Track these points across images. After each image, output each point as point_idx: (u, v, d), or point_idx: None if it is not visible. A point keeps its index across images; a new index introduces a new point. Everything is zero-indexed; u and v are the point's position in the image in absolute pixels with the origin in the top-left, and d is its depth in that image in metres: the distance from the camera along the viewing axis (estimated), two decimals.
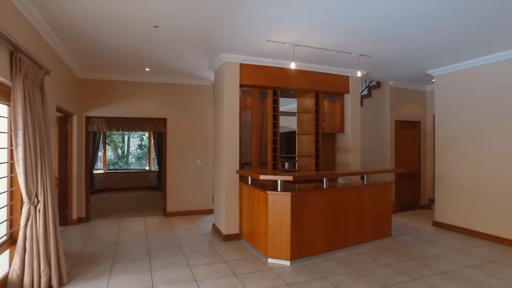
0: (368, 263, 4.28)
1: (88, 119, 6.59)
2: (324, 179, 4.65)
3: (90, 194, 6.80)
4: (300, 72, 5.86)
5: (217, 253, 4.72)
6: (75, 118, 6.33)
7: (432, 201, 7.60)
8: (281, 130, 6.02)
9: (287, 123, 8.30)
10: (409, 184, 7.66)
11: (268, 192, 4.26)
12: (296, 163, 6.74)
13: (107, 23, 3.93)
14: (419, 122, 7.80)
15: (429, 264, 4.25)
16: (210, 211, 7.20)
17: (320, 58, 5.43)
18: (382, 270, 4.07)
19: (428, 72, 6.30)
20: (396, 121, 7.41)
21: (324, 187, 4.63)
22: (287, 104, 8.39)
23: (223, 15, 3.69)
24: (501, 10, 3.52)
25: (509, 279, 3.82)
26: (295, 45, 4.69)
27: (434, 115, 6.40)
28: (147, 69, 6.21)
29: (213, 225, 6.04)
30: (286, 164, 6.78)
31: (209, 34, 4.30)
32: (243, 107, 5.63)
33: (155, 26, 3.98)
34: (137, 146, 13.84)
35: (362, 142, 7.59)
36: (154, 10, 3.58)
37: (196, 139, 7.24)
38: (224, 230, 5.32)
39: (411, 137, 7.70)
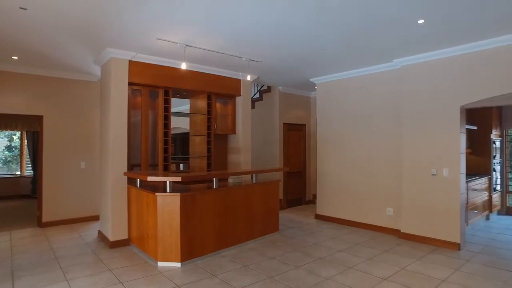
0: (256, 257, 4.53)
1: None
2: (214, 179, 4.75)
3: None
4: (192, 73, 5.86)
5: (102, 262, 4.37)
6: None
7: (315, 196, 8.44)
8: (177, 131, 5.93)
9: (184, 124, 8.18)
10: (296, 181, 8.37)
11: (157, 193, 4.14)
12: (183, 164, 6.73)
13: None
14: (305, 125, 8.59)
15: (310, 253, 4.72)
16: (96, 218, 6.63)
17: (212, 60, 5.53)
18: (269, 262, 4.35)
19: (311, 80, 7.00)
20: (284, 123, 8.01)
21: (214, 187, 4.73)
22: (183, 105, 8.28)
23: (108, 4, 3.43)
24: (362, 28, 4.15)
25: (366, 256, 4.58)
26: (187, 45, 4.68)
27: (316, 118, 7.15)
28: (14, 57, 5.37)
29: (99, 232, 5.58)
30: (182, 165, 6.70)
31: (94, 24, 3.92)
32: (132, 107, 5.35)
33: (21, 8, 3.46)
34: (4, 147, 11.85)
35: (254, 143, 7.99)
36: None
37: (80, 140, 6.59)
38: (111, 237, 4.97)
39: (297, 139, 8.42)
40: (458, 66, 4.83)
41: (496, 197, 7.03)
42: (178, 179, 4.06)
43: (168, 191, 4.19)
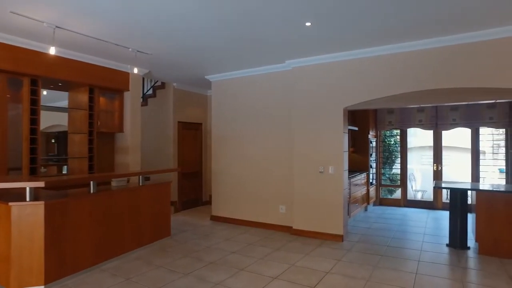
0: (142, 268, 4.09)
1: None
2: (91, 182, 4.13)
3: None
4: (70, 62, 5.07)
5: None
6: None
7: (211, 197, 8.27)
8: (57, 129, 5.03)
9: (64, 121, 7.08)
10: (192, 182, 8.05)
11: (11, 203, 3.35)
12: (67, 166, 5.82)
13: None
14: (201, 124, 8.33)
15: (201, 257, 4.48)
16: None
17: (95, 48, 4.86)
18: (156, 272, 3.96)
19: (207, 77, 6.77)
20: (179, 122, 7.62)
21: (92, 191, 4.12)
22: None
23: None
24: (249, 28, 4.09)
25: (258, 256, 4.55)
26: (56, 27, 3.97)
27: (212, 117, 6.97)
28: None
29: None
30: (65, 168, 5.76)
31: None
32: None
33: None
34: None
35: (147, 142, 7.42)
36: None
37: None
38: None
39: (193, 138, 8.12)
40: (342, 71, 5.18)
41: (372, 190, 7.89)
42: (41, 184, 3.37)
43: (28, 199, 3.45)
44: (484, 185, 5.72)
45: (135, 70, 5.45)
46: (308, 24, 3.95)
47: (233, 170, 6.47)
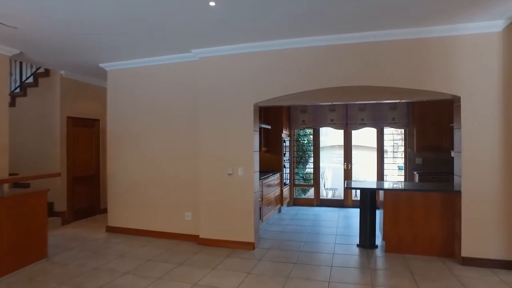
0: None
1: None
2: None
3: None
4: None
5: None
6: None
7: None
8: None
9: None
10: (87, 187, 6.91)
11: None
12: None
13: None
14: (98, 120, 7.20)
15: (82, 284, 3.60)
16: None
17: None
18: None
19: (101, 65, 5.78)
20: (69, 117, 6.42)
21: None
22: None
23: None
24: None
25: (156, 275, 3.87)
26: None
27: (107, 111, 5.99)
28: None
29: None
30: None
31: None
32: None
33: None
34: None
35: (24, 141, 6.13)
36: None
37: None
38: None
39: (88, 137, 6.97)
40: (253, 63, 4.76)
41: (286, 190, 7.72)
42: None
43: None
44: (389, 183, 5.88)
45: None
46: (212, 3, 3.40)
47: (133, 173, 5.62)
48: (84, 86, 6.80)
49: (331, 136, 9.02)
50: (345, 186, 5.55)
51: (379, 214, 4.99)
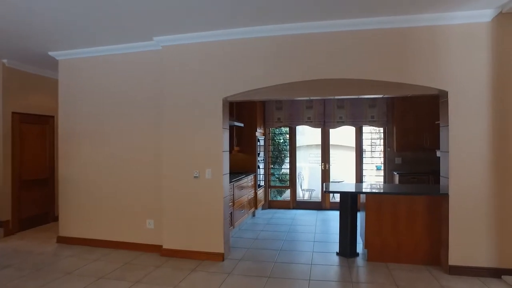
0: None
1: None
2: None
3: None
4: None
5: None
6: None
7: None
8: None
9: None
10: (39, 192, 6.16)
11: None
12: None
13: None
14: (53, 116, 6.45)
15: None
16: None
17: None
18: None
19: (51, 54, 5.08)
20: (15, 113, 5.67)
21: None
22: None
23: None
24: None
25: None
26: None
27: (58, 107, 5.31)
28: None
29: None
30: None
31: None
32: None
33: None
34: None
35: None
36: None
37: None
38: None
39: (40, 135, 6.22)
40: (222, 54, 4.26)
41: (260, 193, 7.25)
42: None
43: None
44: (370, 185, 5.54)
45: None
46: None
47: (88, 176, 4.97)
48: (35, 78, 6.05)
49: (308, 135, 8.64)
50: (324, 190, 5.15)
51: (360, 217, 4.61)
